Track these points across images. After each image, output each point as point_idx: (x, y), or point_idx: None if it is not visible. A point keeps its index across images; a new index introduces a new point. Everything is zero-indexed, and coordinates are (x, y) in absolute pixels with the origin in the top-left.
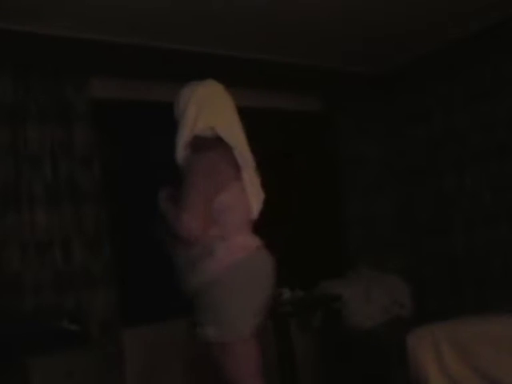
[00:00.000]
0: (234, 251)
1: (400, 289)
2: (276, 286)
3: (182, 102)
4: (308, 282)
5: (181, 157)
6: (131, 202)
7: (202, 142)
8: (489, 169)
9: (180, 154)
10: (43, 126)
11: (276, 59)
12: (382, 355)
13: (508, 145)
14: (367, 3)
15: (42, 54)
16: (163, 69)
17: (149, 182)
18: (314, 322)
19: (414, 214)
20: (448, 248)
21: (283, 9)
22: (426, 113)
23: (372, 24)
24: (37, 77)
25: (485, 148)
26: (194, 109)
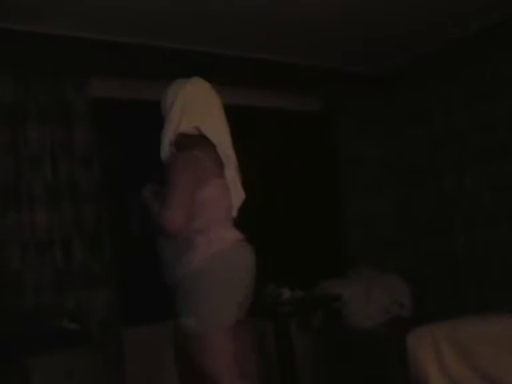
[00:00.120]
0: (213, 244)
1: (400, 289)
2: (276, 286)
3: (169, 99)
4: (308, 282)
5: (165, 154)
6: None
7: (186, 139)
8: (489, 169)
9: (165, 151)
10: (43, 125)
11: (276, 59)
12: (382, 355)
13: (508, 145)
14: (367, 3)
15: (42, 54)
16: (163, 68)
17: (149, 182)
18: (314, 322)
19: (414, 213)
20: (448, 248)
21: (283, 9)
22: (425, 113)
23: (372, 24)
24: (37, 76)
25: (485, 148)
26: (179, 107)
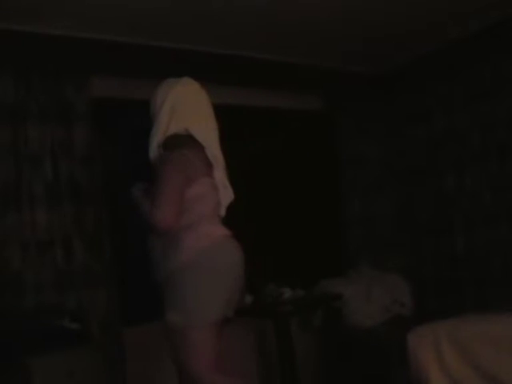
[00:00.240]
0: (200, 239)
1: (400, 288)
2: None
3: (158, 100)
4: (309, 282)
5: (154, 155)
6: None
7: (175, 140)
8: (489, 169)
9: (153, 152)
10: (44, 125)
11: (276, 59)
12: (383, 354)
13: (508, 145)
14: (367, 3)
15: (42, 54)
16: (164, 68)
17: (149, 182)
18: (315, 321)
19: (414, 213)
20: (448, 247)
21: (283, 9)
22: (426, 113)
23: (372, 24)
24: (37, 76)
25: (485, 148)
26: (168, 109)
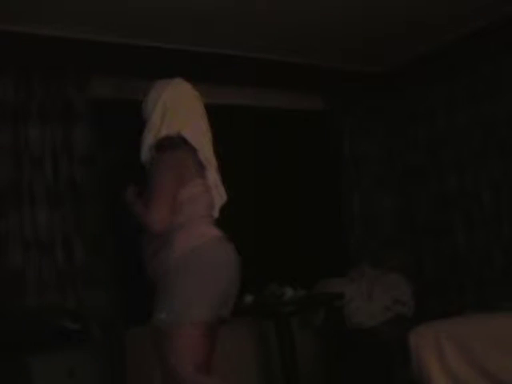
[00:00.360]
0: (191, 239)
1: (401, 287)
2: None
3: (150, 103)
4: (310, 281)
5: (146, 157)
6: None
7: (167, 141)
8: (490, 168)
9: (145, 155)
10: (44, 126)
11: (276, 58)
12: (384, 354)
13: (509, 144)
14: (367, 2)
15: (42, 55)
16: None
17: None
18: (316, 321)
19: (415, 213)
20: (449, 247)
21: (283, 8)
22: (426, 112)
23: (373, 23)
24: (38, 77)
25: (486, 147)
26: (159, 113)
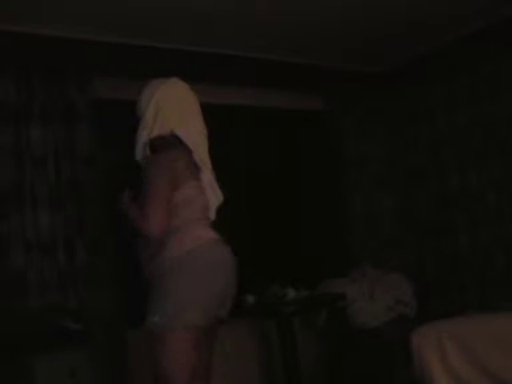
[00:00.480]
0: (186, 242)
1: (404, 287)
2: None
3: (143, 101)
4: (312, 282)
5: (140, 156)
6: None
7: (161, 141)
8: (491, 168)
9: (139, 154)
10: (46, 126)
11: (276, 59)
12: (386, 354)
13: (510, 143)
14: (367, 2)
15: (44, 55)
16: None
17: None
18: (319, 322)
19: (416, 213)
20: (451, 247)
21: (283, 8)
22: (427, 112)
23: (373, 23)
24: (39, 78)
25: (487, 147)
26: (152, 111)
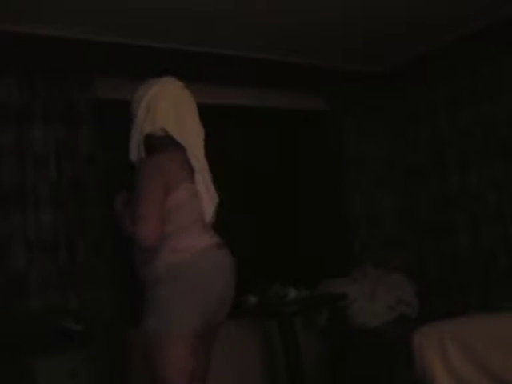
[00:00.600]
0: (178, 252)
1: (405, 287)
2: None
3: (136, 101)
4: (313, 282)
5: (134, 156)
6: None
7: (155, 141)
8: (491, 168)
9: (133, 154)
10: (48, 126)
11: (276, 59)
12: (388, 354)
13: (510, 143)
14: (367, 2)
15: (46, 56)
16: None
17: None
18: (320, 321)
19: (417, 212)
20: (452, 247)
21: (283, 8)
22: (427, 112)
23: (373, 23)
24: (41, 78)
25: (488, 146)
26: (143, 110)
